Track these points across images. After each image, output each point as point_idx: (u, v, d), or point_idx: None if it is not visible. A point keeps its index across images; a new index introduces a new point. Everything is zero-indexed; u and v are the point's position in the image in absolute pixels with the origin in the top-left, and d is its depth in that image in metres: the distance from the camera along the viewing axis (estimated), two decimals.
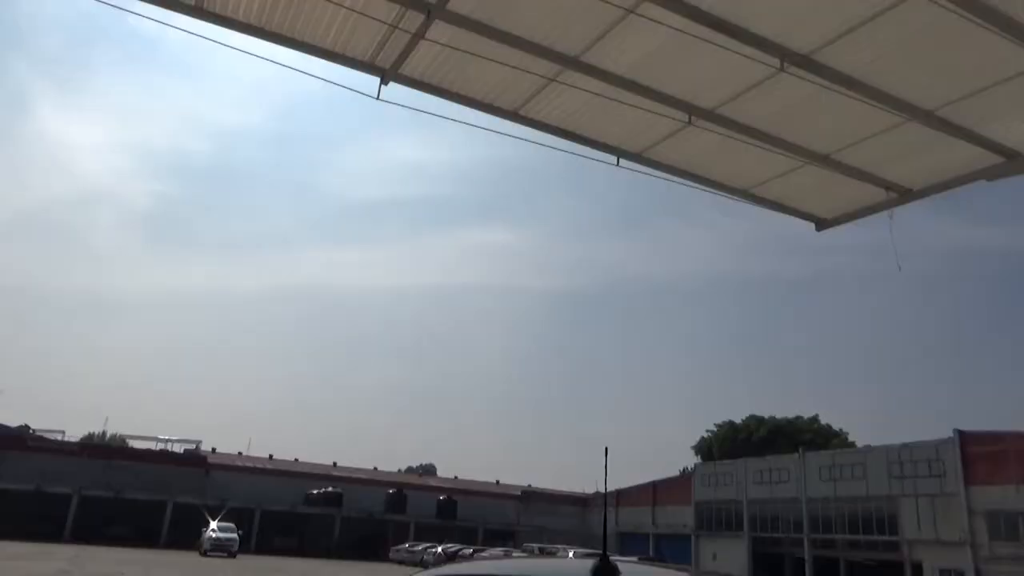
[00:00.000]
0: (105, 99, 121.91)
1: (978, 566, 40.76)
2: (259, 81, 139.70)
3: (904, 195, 6.46)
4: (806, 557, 50.73)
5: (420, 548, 49.22)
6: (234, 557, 41.09)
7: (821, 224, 7.12)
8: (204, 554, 41.26)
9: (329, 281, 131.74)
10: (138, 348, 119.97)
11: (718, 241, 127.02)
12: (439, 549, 46.92)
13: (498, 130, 6.06)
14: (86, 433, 76.65)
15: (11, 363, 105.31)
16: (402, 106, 5.83)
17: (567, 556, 24.99)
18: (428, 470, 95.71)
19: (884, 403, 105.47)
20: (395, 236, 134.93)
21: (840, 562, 49.91)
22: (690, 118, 5.84)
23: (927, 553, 43.46)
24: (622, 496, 67.34)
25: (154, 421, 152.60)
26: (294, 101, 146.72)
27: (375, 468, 77.34)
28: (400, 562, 47.11)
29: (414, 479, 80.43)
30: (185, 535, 50.60)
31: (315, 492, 63.75)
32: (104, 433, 78.80)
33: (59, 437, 64.96)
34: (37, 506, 54.12)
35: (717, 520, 58.27)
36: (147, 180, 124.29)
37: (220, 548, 41.57)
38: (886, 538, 46.18)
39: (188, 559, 37.13)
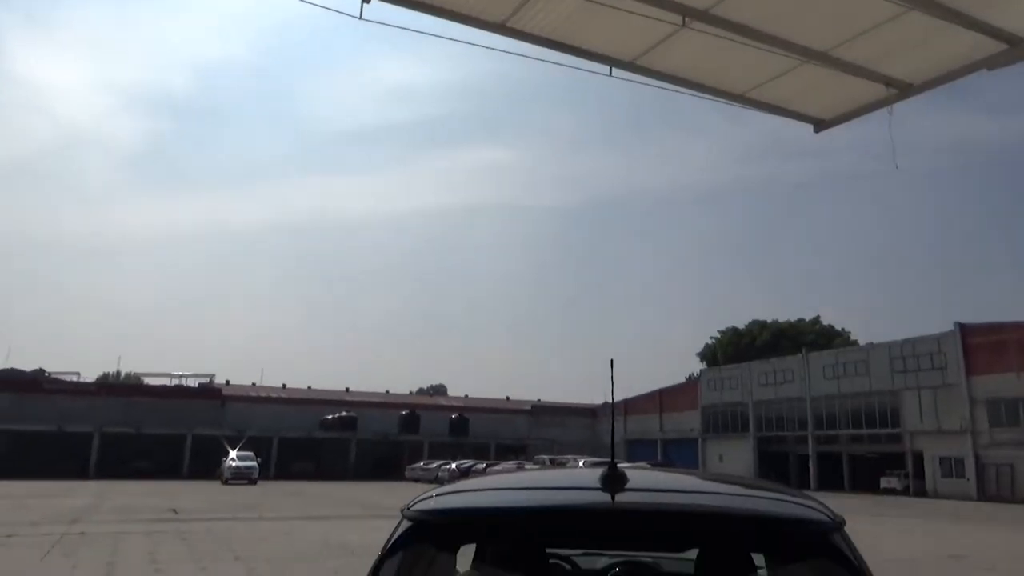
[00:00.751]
0: (79, 33, 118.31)
1: (977, 452, 41.98)
2: (239, 9, 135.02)
3: (904, 90, 6.32)
4: (810, 453, 52.25)
5: (435, 466, 50.71)
6: (255, 484, 42.40)
7: (819, 125, 6.99)
8: (225, 482, 42.55)
9: (327, 210, 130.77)
10: (144, 288, 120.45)
11: (717, 149, 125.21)
12: (453, 465, 48.38)
13: (486, 45, 5.88)
14: (101, 374, 77.79)
15: (21, 312, 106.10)
16: (386, 24, 5.63)
17: (577, 466, 25.73)
18: (439, 390, 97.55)
19: (886, 301, 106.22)
20: (391, 161, 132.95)
21: (843, 456, 51.44)
22: (684, 20, 5.65)
23: (928, 443, 44.69)
24: (630, 405, 68.84)
25: (167, 359, 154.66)
26: (276, 29, 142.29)
27: (387, 391, 78.83)
28: (416, 480, 48.61)
29: (425, 400, 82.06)
30: (206, 466, 52.09)
31: (329, 417, 65.22)
32: (119, 373, 79.99)
33: (74, 379, 65.95)
34: (60, 445, 55.54)
35: (723, 423, 59.75)
36: (132, 119, 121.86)
37: (241, 476, 42.86)
38: (888, 431, 47.40)
39: (211, 488, 38.34)
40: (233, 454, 45.27)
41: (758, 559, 2.11)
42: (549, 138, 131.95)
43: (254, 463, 44.49)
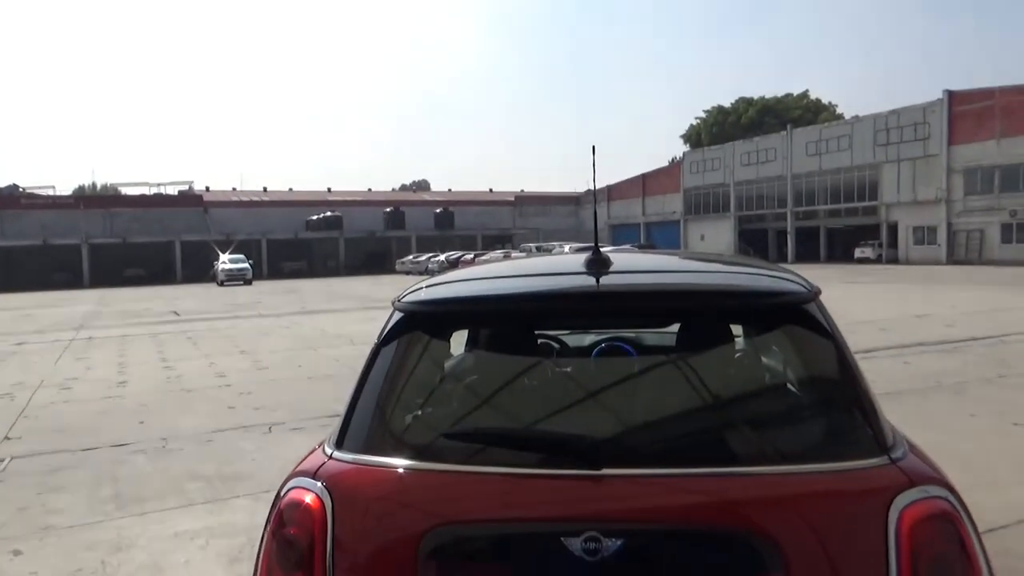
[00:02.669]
0: None
1: (950, 220, 43.23)
2: None
3: None
4: (789, 229, 53.63)
5: (424, 259, 51.85)
6: (250, 284, 43.50)
7: None
8: (221, 284, 43.61)
9: None
10: (111, 93, 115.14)
11: None
12: (442, 257, 49.50)
13: None
14: (77, 186, 76.63)
15: None
16: None
17: (563, 252, 26.34)
18: (422, 186, 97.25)
19: (875, 72, 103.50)
20: None
21: (820, 230, 52.87)
22: None
23: (903, 213, 45.82)
24: (613, 191, 69.27)
25: (142, 167, 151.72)
26: None
27: (369, 189, 78.62)
28: (407, 273, 49.91)
29: (409, 196, 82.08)
30: (198, 270, 53.10)
31: (314, 218, 65.52)
32: (94, 184, 78.83)
33: (50, 193, 65.07)
34: (50, 259, 56.07)
35: (704, 204, 60.60)
36: None
37: (235, 277, 43.87)
38: (865, 204, 48.35)
39: (207, 290, 39.35)
40: (224, 257, 45.95)
41: (736, 330, 2.22)
42: None
43: (247, 265, 45.34)
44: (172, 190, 69.90)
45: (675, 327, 2.33)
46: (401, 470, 1.70)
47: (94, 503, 5.08)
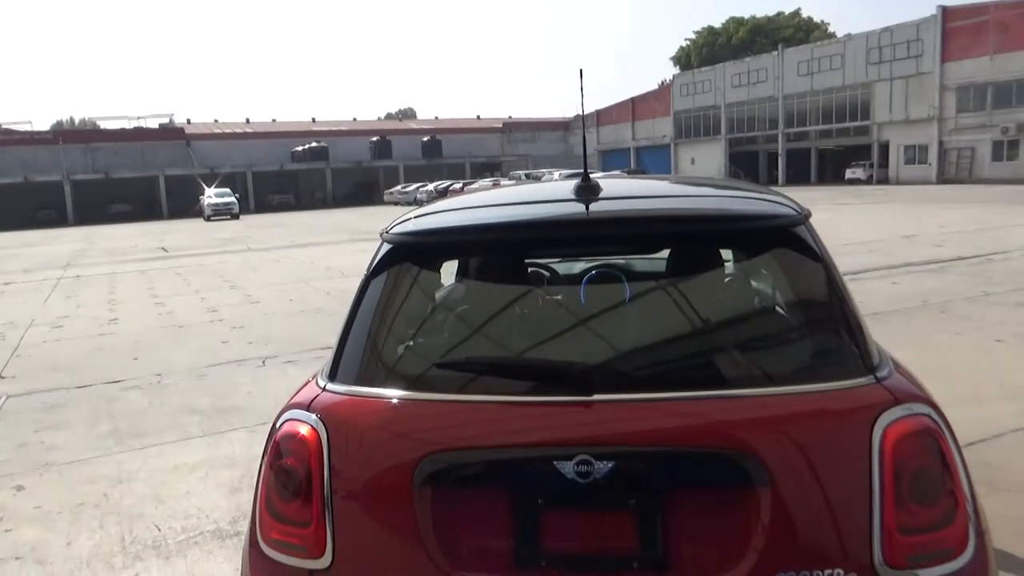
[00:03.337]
0: None
1: (941, 139, 42.96)
2: None
3: None
4: (779, 151, 53.22)
5: (412, 188, 51.35)
6: (237, 218, 43.11)
7: None
8: (208, 219, 43.20)
9: None
10: (85, 24, 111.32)
11: None
12: (430, 187, 48.99)
13: None
14: (54, 121, 74.89)
15: None
16: None
17: (552, 179, 26.16)
18: (408, 114, 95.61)
19: None
20: None
21: (811, 152, 52.51)
22: None
23: (895, 133, 45.47)
24: (602, 116, 68.26)
25: (120, 101, 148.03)
26: None
27: (354, 119, 77.17)
28: (395, 203, 49.52)
29: (395, 124, 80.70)
30: (184, 205, 52.52)
31: (300, 149, 64.47)
32: (72, 120, 77.02)
33: (28, 128, 63.63)
34: (33, 196, 55.25)
35: (695, 127, 59.88)
36: None
37: (222, 212, 43.41)
38: (857, 124, 47.90)
39: (194, 225, 39.03)
40: (210, 191, 45.38)
41: (726, 255, 2.22)
42: None
43: (233, 199, 44.80)
44: (152, 123, 68.39)
45: (665, 253, 2.33)
46: (394, 400, 1.72)
47: (92, 439, 5.14)
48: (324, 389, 1.80)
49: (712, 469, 1.57)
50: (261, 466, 1.80)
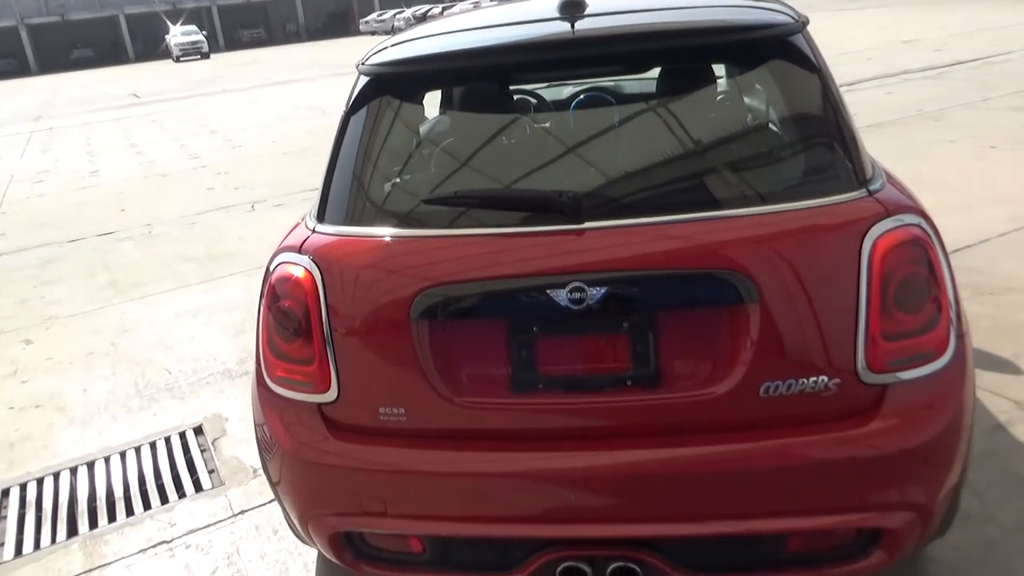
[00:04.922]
0: None
1: None
2: None
3: None
4: None
5: (389, 16, 48.66)
6: (208, 57, 41.18)
7: None
8: (177, 60, 41.27)
9: None
10: None
11: None
12: (408, 13, 46.35)
13: None
14: None
15: None
16: None
17: None
18: None
19: None
20: None
21: None
22: None
23: None
24: None
25: None
26: None
27: None
28: (372, 33, 47.15)
29: None
30: (150, 47, 49.96)
31: None
32: None
33: None
34: None
35: None
36: None
37: (190, 52, 41.35)
38: None
39: (165, 67, 37.31)
40: (175, 30, 43.00)
41: (719, 71, 2.13)
42: None
43: (201, 36, 42.50)
44: None
45: (656, 72, 2.24)
46: (386, 238, 1.71)
47: (92, 291, 5.20)
48: (313, 231, 1.79)
49: (702, 289, 1.59)
50: (259, 308, 1.83)
